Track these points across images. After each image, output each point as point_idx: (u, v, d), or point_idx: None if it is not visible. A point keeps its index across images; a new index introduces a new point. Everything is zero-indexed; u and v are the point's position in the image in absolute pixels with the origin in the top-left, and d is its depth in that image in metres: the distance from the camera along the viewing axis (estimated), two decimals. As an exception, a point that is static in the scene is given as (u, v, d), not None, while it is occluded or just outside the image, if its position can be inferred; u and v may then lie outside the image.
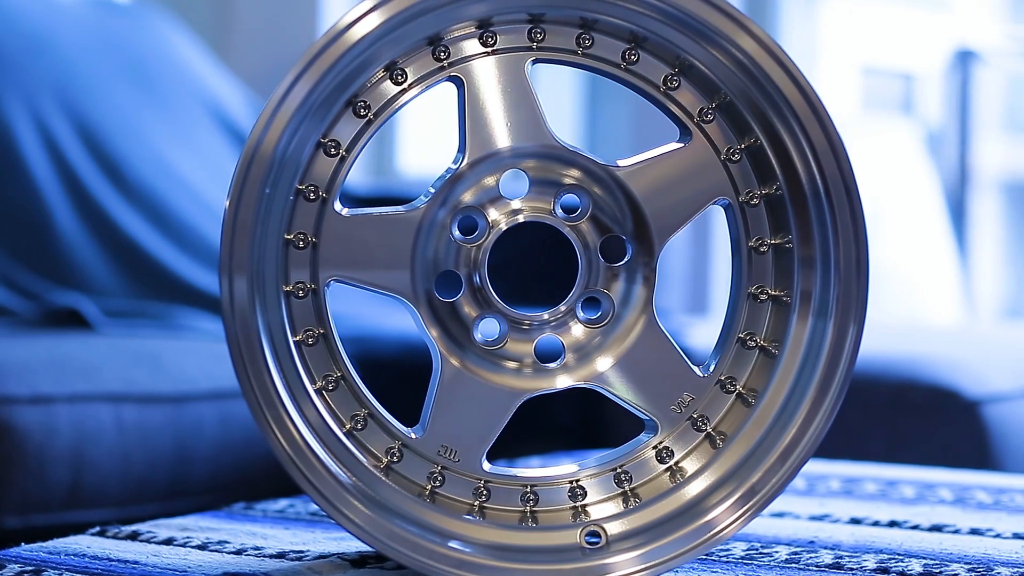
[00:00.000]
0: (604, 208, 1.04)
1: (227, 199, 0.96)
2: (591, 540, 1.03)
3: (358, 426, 1.01)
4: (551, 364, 1.04)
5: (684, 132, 1.05)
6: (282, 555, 1.06)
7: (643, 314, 1.05)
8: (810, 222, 1.03)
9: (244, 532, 1.14)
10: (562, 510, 1.04)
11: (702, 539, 1.02)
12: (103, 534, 1.12)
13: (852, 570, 1.05)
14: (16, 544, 1.09)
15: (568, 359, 1.05)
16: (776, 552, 1.10)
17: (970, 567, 1.05)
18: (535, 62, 1.03)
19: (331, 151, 1.00)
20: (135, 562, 1.04)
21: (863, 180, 1.03)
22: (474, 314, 1.03)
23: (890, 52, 4.25)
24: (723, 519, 1.03)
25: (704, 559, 1.08)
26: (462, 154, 1.01)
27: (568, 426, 2.08)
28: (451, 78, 1.01)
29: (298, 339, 1.00)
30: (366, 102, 1.00)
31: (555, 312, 1.04)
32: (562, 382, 1.04)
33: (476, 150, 1.01)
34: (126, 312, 2.12)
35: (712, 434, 1.05)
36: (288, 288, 1.00)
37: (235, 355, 0.97)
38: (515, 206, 1.03)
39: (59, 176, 2.23)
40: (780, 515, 1.24)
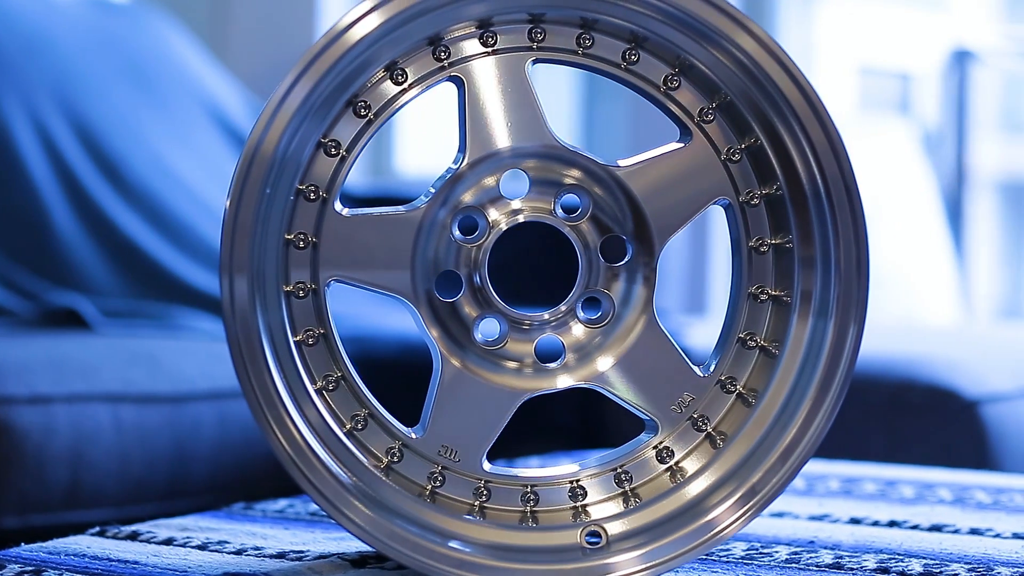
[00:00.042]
0: (604, 208, 1.04)
1: (227, 199, 0.96)
2: (591, 540, 1.03)
3: (358, 426, 1.01)
4: (551, 364, 1.04)
5: (684, 132, 1.04)
6: (282, 555, 1.06)
7: (643, 314, 1.04)
8: (810, 222, 1.03)
9: (244, 532, 1.14)
10: (562, 510, 1.04)
11: (702, 539, 1.02)
12: (103, 534, 1.12)
13: (852, 570, 1.05)
14: (15, 544, 1.08)
15: (568, 359, 1.05)
16: (776, 552, 1.10)
17: (970, 567, 1.05)
18: (535, 62, 1.03)
19: (331, 151, 1.00)
20: (135, 562, 1.03)
21: (860, 180, 1.03)
22: (474, 314, 1.03)
23: (887, 52, 4.25)
24: (723, 519, 1.03)
25: (704, 559, 1.07)
26: (462, 154, 1.01)
27: (568, 426, 2.08)
28: (451, 78, 1.01)
29: (298, 339, 1.00)
30: (366, 102, 1.00)
31: (555, 312, 1.04)
32: (562, 382, 1.04)
33: (476, 150, 1.01)
34: (124, 312, 2.11)
35: (712, 434, 1.05)
36: (288, 288, 0.99)
37: (235, 355, 0.97)
38: (515, 206, 1.03)
39: (57, 176, 2.22)
40: (780, 515, 1.24)
